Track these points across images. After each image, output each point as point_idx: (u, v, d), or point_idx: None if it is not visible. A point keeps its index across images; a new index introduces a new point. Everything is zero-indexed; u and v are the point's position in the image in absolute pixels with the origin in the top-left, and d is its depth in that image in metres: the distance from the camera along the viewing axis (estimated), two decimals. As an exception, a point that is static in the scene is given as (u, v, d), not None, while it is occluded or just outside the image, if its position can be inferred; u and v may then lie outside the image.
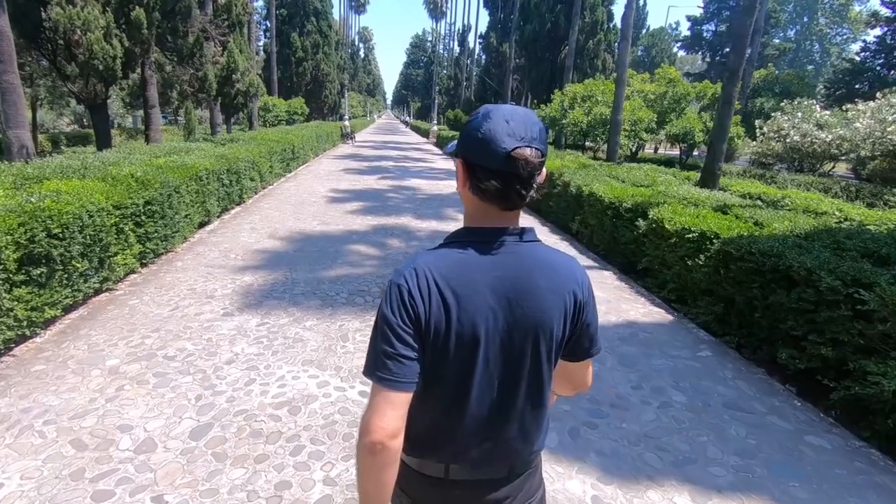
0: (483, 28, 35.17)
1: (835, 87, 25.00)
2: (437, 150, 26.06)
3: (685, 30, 43.05)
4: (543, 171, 0.99)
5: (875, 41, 24.95)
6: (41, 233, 3.63)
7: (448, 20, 70.26)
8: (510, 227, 1.01)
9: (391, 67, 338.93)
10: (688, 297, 4.97)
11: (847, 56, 36.21)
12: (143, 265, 5.31)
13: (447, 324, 0.95)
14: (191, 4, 10.15)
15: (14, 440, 2.53)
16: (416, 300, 0.94)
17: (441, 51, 69.19)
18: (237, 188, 8.54)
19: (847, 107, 15.56)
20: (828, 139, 15.31)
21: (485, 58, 35.44)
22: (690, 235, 4.88)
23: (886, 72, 24.18)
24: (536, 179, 0.97)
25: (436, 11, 75.34)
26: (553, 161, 10.17)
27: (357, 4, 72.75)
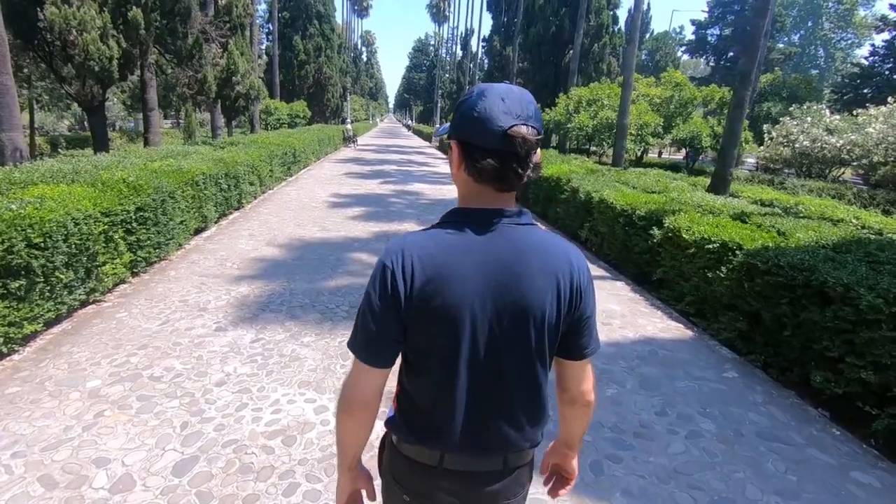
0: (486, 32, 35.02)
1: (843, 92, 24.73)
2: (441, 154, 25.84)
3: (689, 34, 42.86)
4: (538, 151, 0.97)
5: (884, 45, 24.68)
6: (20, 243, 3.39)
7: (451, 24, 70.43)
8: (505, 209, 0.99)
9: (394, 71, 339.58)
10: (707, 311, 4.70)
11: (854, 60, 35.95)
12: (135, 274, 5.06)
13: (432, 303, 0.94)
14: (190, 5, 9.94)
15: (-24, 477, 2.28)
16: (399, 282, 0.94)
17: (444, 55, 69.17)
18: (236, 193, 8.31)
19: (858, 112, 15.29)
20: (838, 144, 15.04)
21: (488, 61, 35.28)
22: (711, 246, 4.61)
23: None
24: (532, 158, 0.95)
25: (438, 16, 75.42)
26: (560, 166, 9.92)
27: (360, 8, 72.87)
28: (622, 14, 37.09)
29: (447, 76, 58.75)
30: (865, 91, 23.71)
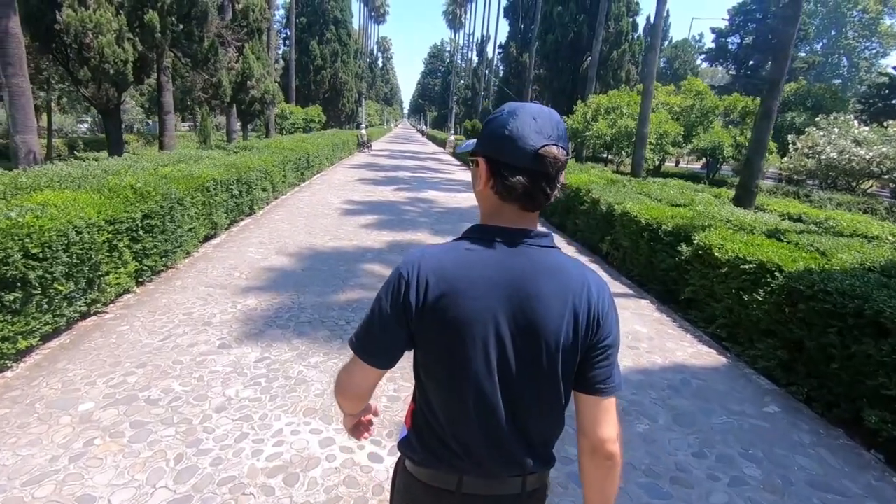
0: (502, 38, 34.89)
1: (870, 102, 24.03)
2: (455, 161, 25.66)
3: (709, 42, 42.30)
4: (563, 172, 0.96)
5: (913, 55, 23.93)
6: (17, 253, 3.22)
7: (466, 31, 70.40)
8: (528, 229, 0.98)
9: (409, 77, 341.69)
10: (741, 336, 4.39)
11: (880, 70, 35.09)
12: (140, 284, 4.89)
13: (444, 317, 0.94)
14: (207, 9, 9.89)
15: (-52, 516, 2.08)
16: (412, 293, 0.94)
17: (459, 61, 69.19)
18: (247, 199, 8.16)
19: (889, 123, 14.77)
20: (867, 156, 14.52)
21: (503, 68, 35.11)
22: (747, 267, 4.31)
23: (925, 87, 23.19)
24: (560, 178, 0.95)
25: (454, 22, 75.48)
26: (579, 176, 9.63)
27: (377, 15, 73.25)
28: (641, 21, 36.65)
29: (462, 82, 58.70)
30: (894, 101, 23.01)
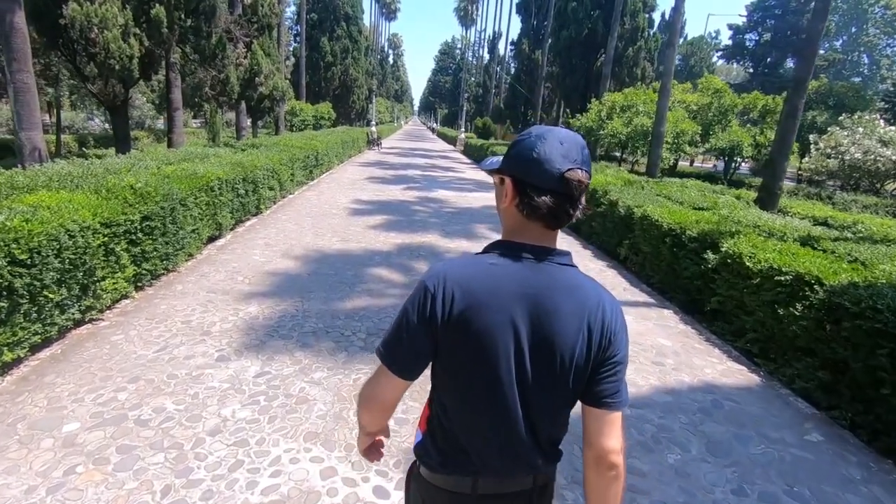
0: (514, 35, 34.45)
1: (895, 101, 23.32)
2: (465, 159, 25.38)
3: (726, 39, 41.47)
4: (585, 194, 1.01)
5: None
6: (2, 259, 3.02)
7: (478, 28, 69.87)
8: (550, 247, 1.03)
9: (419, 74, 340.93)
10: (775, 352, 4.09)
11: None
12: (139, 288, 4.70)
13: (468, 329, 0.98)
14: (216, 4, 9.69)
15: None
16: (438, 305, 0.98)
17: (470, 58, 68.72)
18: (254, 198, 7.97)
19: (917, 122, 14.23)
20: (894, 157, 14.01)
21: (515, 65, 34.69)
22: (782, 278, 4.00)
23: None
24: (582, 200, 1.00)
25: (466, 19, 74.97)
26: (596, 176, 9.31)
27: (388, 11, 72.99)
28: (656, 18, 36.02)
29: (473, 80, 58.27)
30: (919, 100, 22.30)
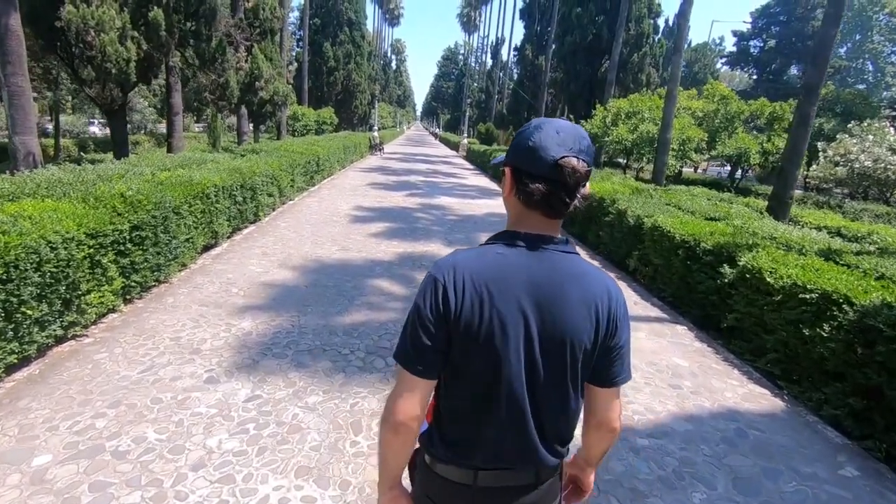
0: (517, 41, 34.35)
1: (902, 108, 23.09)
2: (468, 165, 25.21)
3: (730, 45, 41.37)
4: (588, 184, 1.02)
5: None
6: (-27, 275, 2.81)
7: (481, 33, 69.68)
8: (551, 235, 1.03)
9: (422, 79, 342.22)
10: (798, 373, 3.85)
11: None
12: (127, 301, 4.48)
13: (479, 319, 0.98)
14: (216, 7, 9.53)
15: None
16: (450, 295, 0.98)
17: (472, 63, 68.69)
18: (252, 205, 7.76)
19: (927, 130, 14.00)
20: (905, 165, 13.78)
21: (518, 71, 34.55)
22: (807, 296, 3.77)
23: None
24: (581, 190, 1.00)
25: (469, 25, 75.06)
26: (601, 184, 9.10)
27: (391, 17, 73.12)
28: (661, 24, 35.90)
29: (476, 85, 58.21)
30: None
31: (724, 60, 40.56)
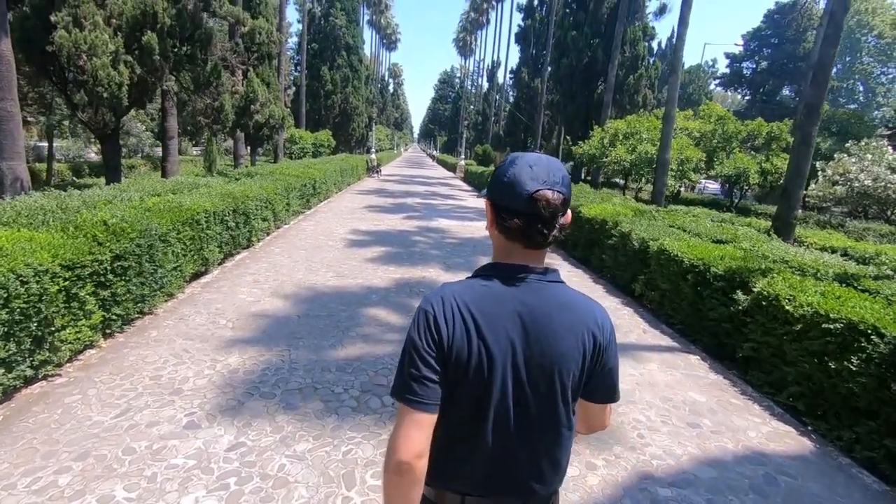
0: (513, 64, 34.79)
1: (898, 128, 23.23)
2: (466, 186, 25.17)
3: (723, 67, 42.00)
4: (568, 214, 1.04)
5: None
6: (-71, 315, 2.57)
7: (477, 57, 71.00)
8: (534, 266, 1.05)
9: (419, 102, 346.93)
10: (825, 408, 3.59)
11: (901, 95, 34.31)
12: (107, 336, 4.22)
13: (468, 348, 0.98)
14: (212, 32, 9.49)
15: None
16: (441, 326, 0.99)
17: (469, 87, 69.55)
18: (245, 230, 7.55)
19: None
20: (905, 184, 13.70)
21: (514, 93, 34.90)
22: (831, 326, 3.53)
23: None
24: (559, 220, 1.02)
25: (465, 49, 76.27)
26: (602, 206, 8.92)
27: (388, 42, 74.31)
28: (655, 45, 36.44)
29: (472, 108, 58.83)
30: (922, 127, 22.15)
31: (718, 82, 41.12)
